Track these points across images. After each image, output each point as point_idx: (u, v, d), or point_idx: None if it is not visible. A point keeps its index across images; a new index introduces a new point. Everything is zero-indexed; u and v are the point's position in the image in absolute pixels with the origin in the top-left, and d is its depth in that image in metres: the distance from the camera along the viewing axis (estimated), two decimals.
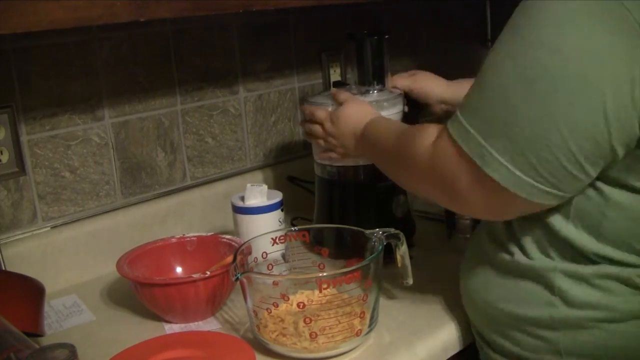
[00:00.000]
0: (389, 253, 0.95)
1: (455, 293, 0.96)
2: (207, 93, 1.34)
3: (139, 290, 0.98)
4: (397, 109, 1.15)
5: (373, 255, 0.88)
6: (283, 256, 1.03)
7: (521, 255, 0.82)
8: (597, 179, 0.74)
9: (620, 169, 0.73)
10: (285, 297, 0.90)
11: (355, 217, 1.15)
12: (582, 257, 0.77)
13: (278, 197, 1.13)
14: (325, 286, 0.85)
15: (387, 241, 0.93)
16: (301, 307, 0.89)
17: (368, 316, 0.89)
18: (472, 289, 0.90)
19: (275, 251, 0.99)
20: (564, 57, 0.68)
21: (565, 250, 0.78)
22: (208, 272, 0.97)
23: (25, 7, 0.74)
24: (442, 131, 0.80)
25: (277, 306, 0.90)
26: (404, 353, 0.89)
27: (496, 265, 0.86)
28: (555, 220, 0.78)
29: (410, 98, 1.20)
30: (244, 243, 0.97)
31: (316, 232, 1.06)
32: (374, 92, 1.17)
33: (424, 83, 1.21)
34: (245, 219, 1.12)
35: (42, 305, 0.95)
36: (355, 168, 1.14)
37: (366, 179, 1.15)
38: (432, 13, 1.76)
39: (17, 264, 1.07)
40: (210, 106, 1.35)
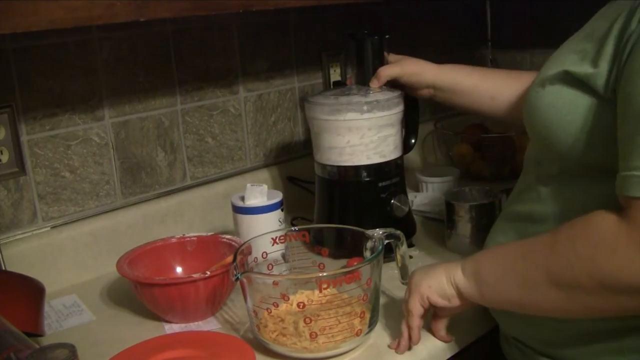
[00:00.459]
0: (389, 253, 0.95)
1: None
2: (207, 93, 1.34)
3: (139, 290, 0.98)
4: (398, 109, 1.15)
5: (373, 255, 0.88)
6: (283, 256, 1.02)
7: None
8: None
9: None
10: (285, 297, 0.90)
11: (355, 217, 1.15)
12: None
13: (278, 197, 1.13)
14: (325, 286, 0.85)
15: (387, 241, 0.93)
16: (301, 307, 0.89)
17: (368, 316, 0.89)
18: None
19: (275, 251, 0.99)
20: None
21: None
22: (208, 272, 0.97)
23: (25, 7, 0.74)
24: (623, 203, 0.69)
25: (277, 306, 0.90)
26: (404, 353, 0.89)
27: None
28: None
29: (410, 98, 1.20)
30: (244, 243, 0.97)
31: (316, 232, 1.07)
32: (374, 92, 1.16)
33: (414, 67, 1.18)
34: (245, 219, 1.12)
35: (42, 305, 0.95)
36: (356, 168, 1.14)
37: (366, 178, 1.15)
38: (432, 13, 1.76)
39: (17, 264, 1.07)
40: (210, 106, 1.35)
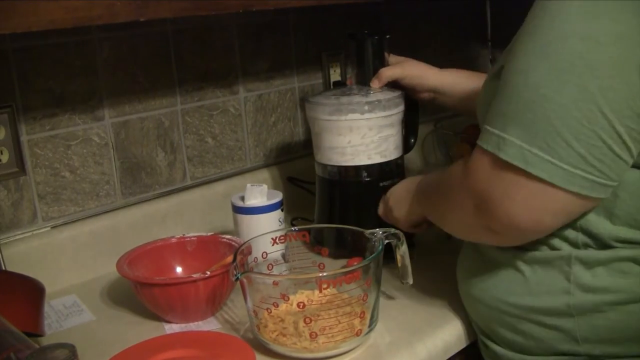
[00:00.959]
0: (389, 253, 0.95)
1: (455, 293, 0.96)
2: (207, 93, 1.34)
3: (139, 290, 0.98)
4: (398, 109, 1.15)
5: (373, 255, 0.88)
6: (283, 256, 1.02)
7: (535, 247, 0.82)
8: None
9: None
10: (285, 297, 0.90)
11: (355, 217, 1.14)
12: (598, 241, 0.78)
13: (278, 197, 1.13)
14: (325, 286, 0.85)
15: (387, 241, 0.93)
16: (301, 307, 0.89)
17: (368, 316, 0.89)
18: (477, 287, 0.89)
19: (275, 251, 0.99)
20: (598, 43, 0.69)
21: (581, 237, 0.79)
22: (208, 272, 0.97)
23: (25, 7, 0.74)
24: (472, 152, 0.79)
25: (277, 306, 0.90)
26: (404, 353, 0.89)
27: (502, 260, 0.85)
28: None
29: (410, 98, 1.20)
30: (244, 243, 0.97)
31: (316, 232, 1.07)
32: (375, 92, 1.16)
33: (415, 70, 1.18)
34: (245, 219, 1.11)
35: (42, 305, 0.95)
36: (356, 168, 1.14)
37: (367, 178, 1.15)
38: (432, 13, 1.76)
39: (17, 264, 1.07)
40: (210, 106, 1.35)
